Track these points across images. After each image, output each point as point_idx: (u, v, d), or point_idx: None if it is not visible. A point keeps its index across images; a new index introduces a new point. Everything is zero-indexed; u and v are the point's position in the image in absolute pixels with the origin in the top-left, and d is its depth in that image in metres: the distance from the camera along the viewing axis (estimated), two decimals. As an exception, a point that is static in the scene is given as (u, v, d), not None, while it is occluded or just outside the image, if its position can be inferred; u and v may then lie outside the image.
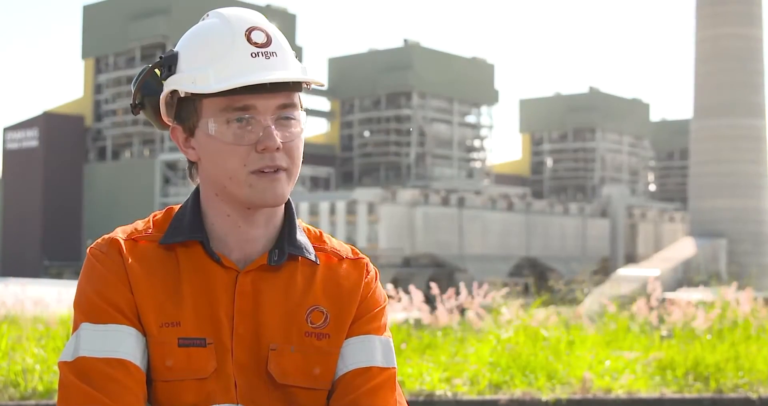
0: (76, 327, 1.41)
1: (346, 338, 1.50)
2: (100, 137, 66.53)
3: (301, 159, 1.46)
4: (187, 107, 1.42)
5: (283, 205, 1.50)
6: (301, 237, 1.52)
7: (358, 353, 1.49)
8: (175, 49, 1.46)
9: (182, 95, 1.41)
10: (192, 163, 1.49)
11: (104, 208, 60.35)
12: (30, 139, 64.77)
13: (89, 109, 66.79)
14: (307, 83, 1.44)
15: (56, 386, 5.88)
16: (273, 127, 1.40)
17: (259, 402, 1.44)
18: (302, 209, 47.80)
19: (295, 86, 1.43)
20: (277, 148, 1.40)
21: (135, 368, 1.38)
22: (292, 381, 1.45)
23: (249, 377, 1.44)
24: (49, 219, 61.89)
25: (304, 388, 1.47)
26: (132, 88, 1.49)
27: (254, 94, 1.38)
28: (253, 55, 1.39)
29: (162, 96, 1.45)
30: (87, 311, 1.41)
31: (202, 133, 1.42)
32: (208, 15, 1.47)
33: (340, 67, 77.87)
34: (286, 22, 65.35)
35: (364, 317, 1.52)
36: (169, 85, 1.43)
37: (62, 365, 1.39)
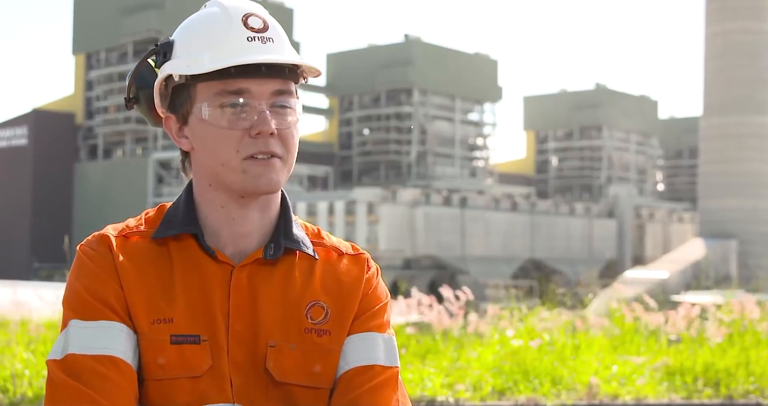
0: (65, 325, 1.39)
1: (348, 336, 1.47)
2: (92, 135, 66.45)
3: (297, 149, 1.44)
4: (181, 94, 1.42)
5: (279, 199, 1.49)
6: (298, 231, 1.50)
7: (360, 350, 1.46)
8: (171, 37, 1.46)
9: (176, 79, 1.40)
10: (186, 156, 1.48)
11: (96, 208, 60.19)
12: (19, 137, 64.74)
13: (80, 107, 66.72)
14: (305, 76, 1.44)
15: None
16: (268, 112, 1.38)
17: (256, 401, 1.41)
18: (300, 209, 47.84)
19: (291, 74, 1.42)
20: (272, 134, 1.38)
21: (126, 366, 1.36)
22: (291, 379, 1.42)
23: (246, 375, 1.41)
24: (38, 220, 61.60)
25: (303, 386, 1.43)
26: (127, 80, 1.50)
27: (249, 78, 1.38)
28: (249, 39, 1.40)
29: (156, 84, 1.44)
30: (76, 307, 1.39)
31: (195, 120, 1.41)
32: (206, 5, 1.48)
33: (338, 63, 77.76)
34: (284, 16, 65.18)
35: (366, 314, 1.49)
36: (164, 70, 1.42)
37: (51, 363, 1.36)
